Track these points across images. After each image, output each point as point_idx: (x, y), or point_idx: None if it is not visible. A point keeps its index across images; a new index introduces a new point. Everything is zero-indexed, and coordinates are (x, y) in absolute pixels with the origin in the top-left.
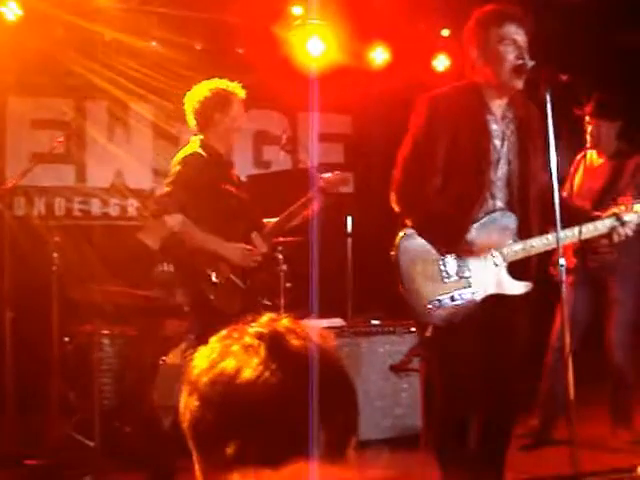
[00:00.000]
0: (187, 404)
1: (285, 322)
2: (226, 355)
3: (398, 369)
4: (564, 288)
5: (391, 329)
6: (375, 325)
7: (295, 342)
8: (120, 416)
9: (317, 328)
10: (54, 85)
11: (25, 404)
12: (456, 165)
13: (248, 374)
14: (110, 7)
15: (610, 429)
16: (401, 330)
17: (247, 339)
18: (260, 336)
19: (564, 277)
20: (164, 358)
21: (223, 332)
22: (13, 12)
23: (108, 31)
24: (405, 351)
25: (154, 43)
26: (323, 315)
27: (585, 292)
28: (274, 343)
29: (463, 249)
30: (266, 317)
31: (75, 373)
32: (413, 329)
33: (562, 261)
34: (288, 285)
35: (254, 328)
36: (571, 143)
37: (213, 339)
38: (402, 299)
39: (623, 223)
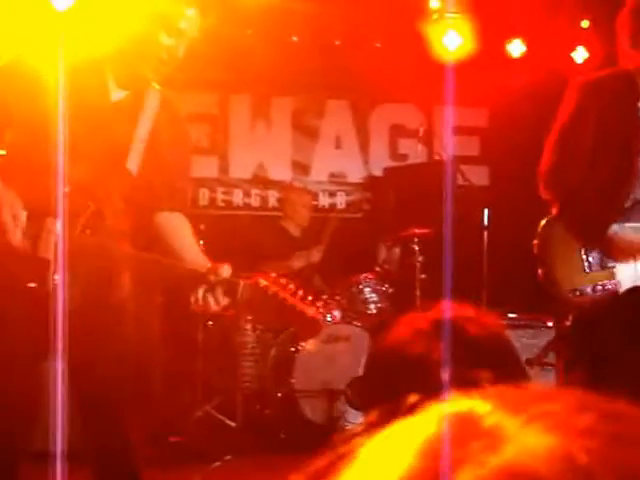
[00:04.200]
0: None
1: (464, 310)
2: (409, 341)
3: (534, 363)
4: None
5: (528, 323)
6: (512, 318)
7: (473, 329)
8: (261, 399)
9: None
10: (199, 80)
11: (171, 385)
12: (604, 152)
13: (425, 357)
14: (251, 5)
15: None
16: (538, 324)
17: (424, 325)
18: (437, 323)
19: None
20: (302, 344)
21: (404, 319)
22: None
23: (249, 27)
24: (542, 345)
25: (295, 38)
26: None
27: None
28: (452, 330)
29: (605, 243)
30: (444, 305)
31: (218, 356)
32: (550, 323)
33: None
34: (423, 277)
35: (432, 315)
36: None
37: (395, 324)
38: (541, 289)
39: None
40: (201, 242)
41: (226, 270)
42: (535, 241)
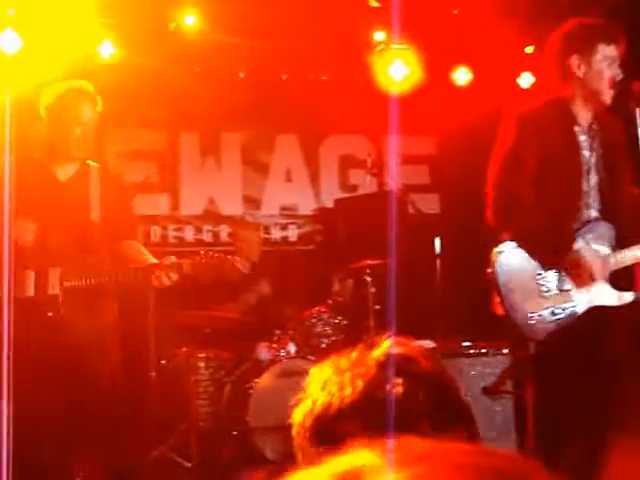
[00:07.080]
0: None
1: (411, 345)
2: (356, 376)
3: (491, 391)
4: None
5: (483, 351)
6: (466, 347)
7: (424, 363)
8: (216, 438)
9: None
10: (148, 118)
11: (125, 425)
12: (548, 177)
13: (381, 392)
14: (199, 40)
15: None
16: (493, 351)
17: (374, 361)
18: (389, 358)
19: None
20: (257, 380)
21: (351, 353)
22: (108, 51)
23: (197, 65)
24: (497, 373)
25: (242, 74)
26: (413, 337)
27: None
28: (405, 364)
29: (571, 262)
30: (391, 340)
31: (172, 395)
32: (505, 350)
33: None
34: (377, 307)
35: (382, 350)
36: None
37: (338, 359)
38: (499, 317)
39: None
40: None
41: (172, 258)
42: (489, 270)
